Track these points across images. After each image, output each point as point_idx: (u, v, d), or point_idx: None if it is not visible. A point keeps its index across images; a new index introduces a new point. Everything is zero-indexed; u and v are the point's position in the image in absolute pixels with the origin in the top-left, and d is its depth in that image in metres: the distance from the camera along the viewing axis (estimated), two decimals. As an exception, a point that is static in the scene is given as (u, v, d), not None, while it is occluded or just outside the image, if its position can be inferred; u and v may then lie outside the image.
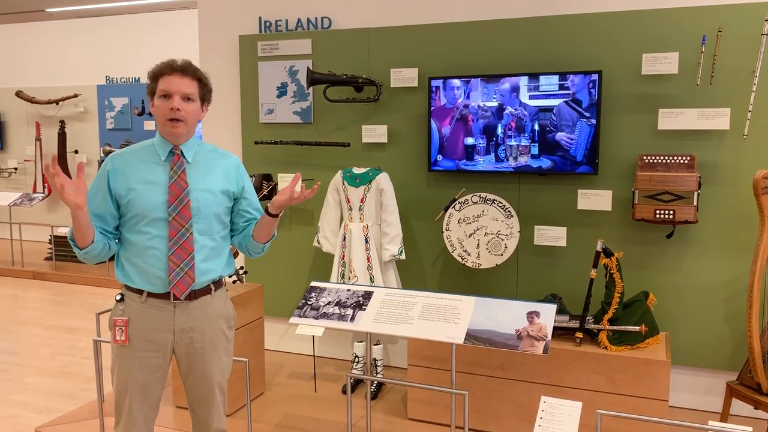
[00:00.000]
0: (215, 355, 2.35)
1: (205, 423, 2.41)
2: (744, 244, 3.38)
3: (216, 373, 2.37)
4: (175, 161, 2.25)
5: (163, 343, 2.27)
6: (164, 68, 2.21)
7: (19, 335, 5.24)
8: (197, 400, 2.39)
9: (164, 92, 2.19)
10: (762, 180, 2.93)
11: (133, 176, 2.22)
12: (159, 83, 2.20)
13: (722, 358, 3.50)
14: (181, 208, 2.21)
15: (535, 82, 3.56)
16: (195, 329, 2.29)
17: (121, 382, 2.29)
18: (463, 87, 3.69)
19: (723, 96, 3.36)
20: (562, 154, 3.56)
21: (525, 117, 3.60)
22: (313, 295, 3.04)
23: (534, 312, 2.72)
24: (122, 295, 2.29)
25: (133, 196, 2.20)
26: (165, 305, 2.25)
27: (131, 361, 2.26)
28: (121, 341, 2.24)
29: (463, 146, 3.74)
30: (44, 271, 7.26)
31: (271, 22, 4.34)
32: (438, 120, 3.76)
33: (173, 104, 2.17)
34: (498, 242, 3.59)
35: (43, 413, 3.71)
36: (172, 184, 2.21)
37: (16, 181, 9.09)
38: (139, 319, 2.25)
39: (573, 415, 2.35)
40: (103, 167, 2.27)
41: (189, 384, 2.38)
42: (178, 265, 2.21)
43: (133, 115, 8.16)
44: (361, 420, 3.46)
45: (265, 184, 4.13)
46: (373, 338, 3.88)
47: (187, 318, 2.27)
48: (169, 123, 2.20)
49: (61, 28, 8.88)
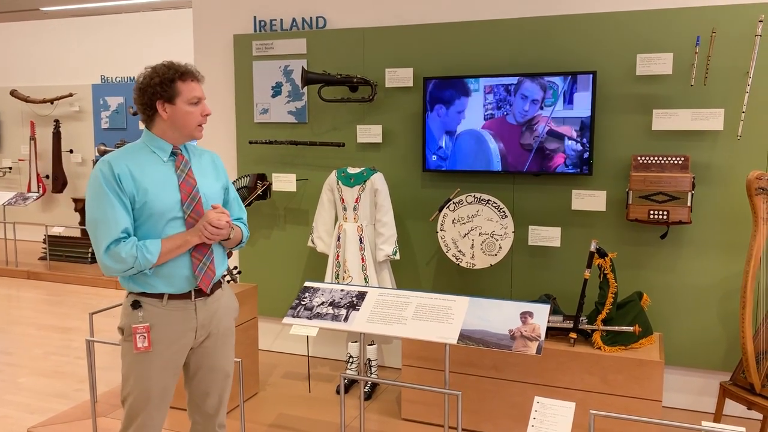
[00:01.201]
0: (229, 345, 2.44)
1: (214, 415, 2.44)
2: (737, 245, 3.38)
3: (228, 363, 2.44)
4: (180, 160, 2.27)
5: (186, 344, 2.30)
6: (185, 74, 2.22)
7: (13, 335, 5.22)
8: (204, 394, 2.40)
9: (196, 99, 2.24)
10: (755, 181, 2.94)
11: (141, 178, 2.19)
12: (183, 88, 2.20)
13: (716, 359, 3.50)
14: (195, 205, 2.25)
15: (529, 82, 3.56)
16: (213, 323, 2.35)
17: (142, 389, 2.25)
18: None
19: (717, 97, 3.36)
20: (556, 155, 3.56)
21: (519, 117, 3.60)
22: (306, 295, 3.03)
23: (527, 312, 2.72)
24: (137, 301, 2.24)
25: (149, 198, 2.18)
26: (186, 305, 2.28)
27: (154, 366, 2.25)
28: (144, 348, 2.22)
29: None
30: (38, 270, 7.24)
31: (265, 22, 4.33)
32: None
33: (205, 111, 2.27)
34: (492, 242, 3.59)
35: (36, 413, 3.70)
36: (182, 183, 2.24)
37: (11, 181, 9.06)
38: (163, 324, 2.24)
39: (566, 416, 2.34)
40: (107, 173, 2.14)
41: (198, 379, 2.38)
42: (201, 260, 2.26)
43: (128, 115, 8.15)
44: (355, 420, 3.46)
45: (259, 184, 4.12)
46: (368, 338, 3.88)
47: (206, 313, 2.32)
48: (198, 128, 2.27)
49: (56, 28, 8.85)
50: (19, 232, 7.70)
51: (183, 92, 2.20)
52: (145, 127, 2.29)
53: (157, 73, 2.19)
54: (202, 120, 2.27)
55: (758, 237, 2.95)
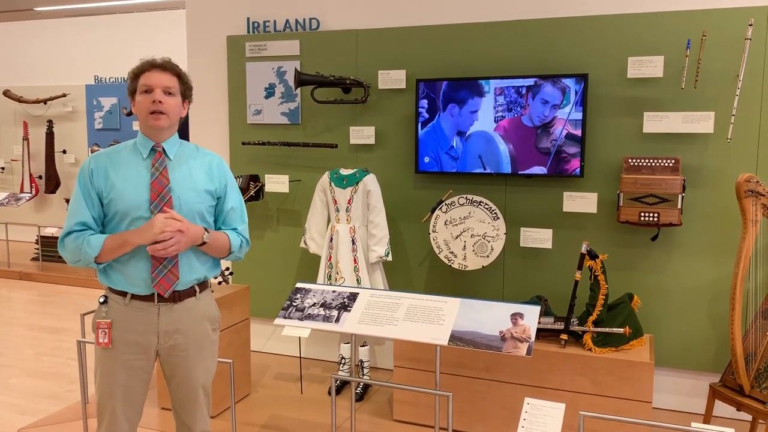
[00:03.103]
0: (200, 357, 2.34)
1: (189, 425, 2.40)
2: (727, 247, 3.40)
3: (200, 375, 2.35)
4: (157, 158, 2.24)
5: (146, 346, 2.25)
6: (144, 65, 2.23)
7: (4, 336, 5.19)
8: (181, 402, 2.38)
9: (146, 87, 2.20)
10: (745, 183, 2.95)
11: (114, 174, 2.20)
12: (140, 80, 2.21)
13: (705, 360, 3.52)
14: (163, 206, 2.18)
15: (520, 84, 3.57)
16: (179, 331, 2.27)
17: (105, 385, 2.26)
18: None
19: (707, 100, 3.38)
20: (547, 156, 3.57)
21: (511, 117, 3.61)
22: (298, 297, 3.03)
23: (518, 314, 2.73)
24: (105, 297, 2.26)
25: (114, 194, 2.18)
26: (149, 307, 2.23)
27: (115, 363, 2.24)
28: (104, 344, 2.21)
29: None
30: (30, 271, 7.21)
31: (259, 23, 4.33)
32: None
33: (155, 97, 2.19)
34: (484, 244, 3.60)
35: (27, 414, 3.69)
36: (153, 182, 2.20)
37: (3, 181, 9.02)
38: (123, 322, 2.23)
39: (556, 417, 2.35)
40: (85, 168, 2.23)
41: (173, 386, 2.36)
42: (161, 262, 2.19)
43: (122, 115, 8.13)
44: (347, 422, 3.46)
45: (252, 185, 4.12)
46: (360, 340, 3.88)
47: (171, 320, 2.25)
48: (151, 116, 2.20)
49: (50, 28, 8.83)
50: (11, 233, 7.67)
51: (140, 82, 2.22)
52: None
53: (132, 69, 2.25)
54: (153, 107, 2.18)
55: (747, 239, 2.97)
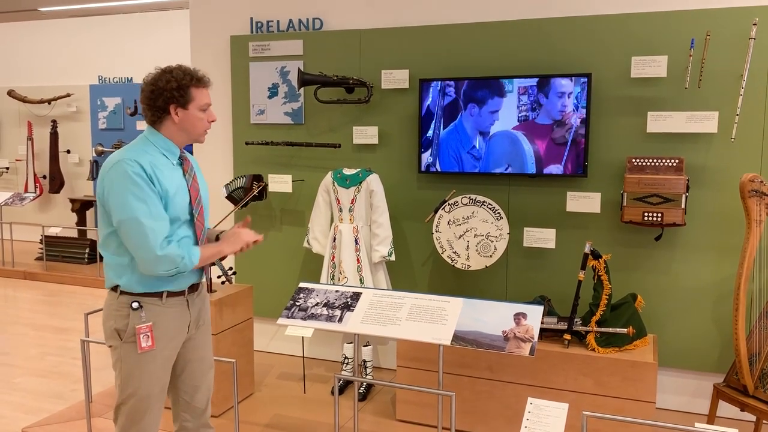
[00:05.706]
0: (209, 336, 2.52)
1: (204, 410, 2.49)
2: (731, 247, 3.39)
3: (211, 353, 2.52)
4: (188, 165, 2.35)
5: (181, 339, 2.37)
6: (201, 80, 2.30)
7: (9, 335, 5.21)
8: (196, 387, 2.45)
9: (208, 105, 2.32)
10: (748, 183, 2.95)
11: (164, 180, 2.22)
12: (197, 95, 2.27)
13: (709, 361, 3.51)
14: (200, 208, 2.33)
15: (524, 84, 3.57)
16: (201, 316, 2.44)
17: (146, 387, 2.27)
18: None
19: (711, 99, 3.37)
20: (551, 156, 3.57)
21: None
22: (301, 296, 3.04)
23: (521, 313, 2.73)
24: (138, 302, 2.24)
25: (169, 200, 2.23)
26: (180, 301, 2.33)
27: (156, 364, 2.28)
28: (148, 347, 2.24)
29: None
30: (35, 271, 7.23)
31: (262, 23, 4.34)
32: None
33: (213, 116, 2.35)
34: (487, 244, 3.60)
35: (31, 414, 3.70)
36: (190, 187, 2.31)
37: (8, 181, 9.06)
38: (163, 321, 2.28)
39: (559, 417, 2.35)
40: (139, 173, 2.14)
41: (188, 372, 2.42)
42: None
43: (126, 115, 8.14)
44: (350, 421, 3.46)
45: (255, 185, 4.13)
46: (363, 339, 3.88)
47: (196, 308, 2.41)
48: (204, 134, 2.35)
49: (54, 28, 8.85)
50: (15, 233, 7.69)
51: (196, 98, 2.27)
52: (151, 126, 2.28)
53: (174, 77, 2.22)
54: (208, 126, 2.35)
55: (751, 239, 2.96)
